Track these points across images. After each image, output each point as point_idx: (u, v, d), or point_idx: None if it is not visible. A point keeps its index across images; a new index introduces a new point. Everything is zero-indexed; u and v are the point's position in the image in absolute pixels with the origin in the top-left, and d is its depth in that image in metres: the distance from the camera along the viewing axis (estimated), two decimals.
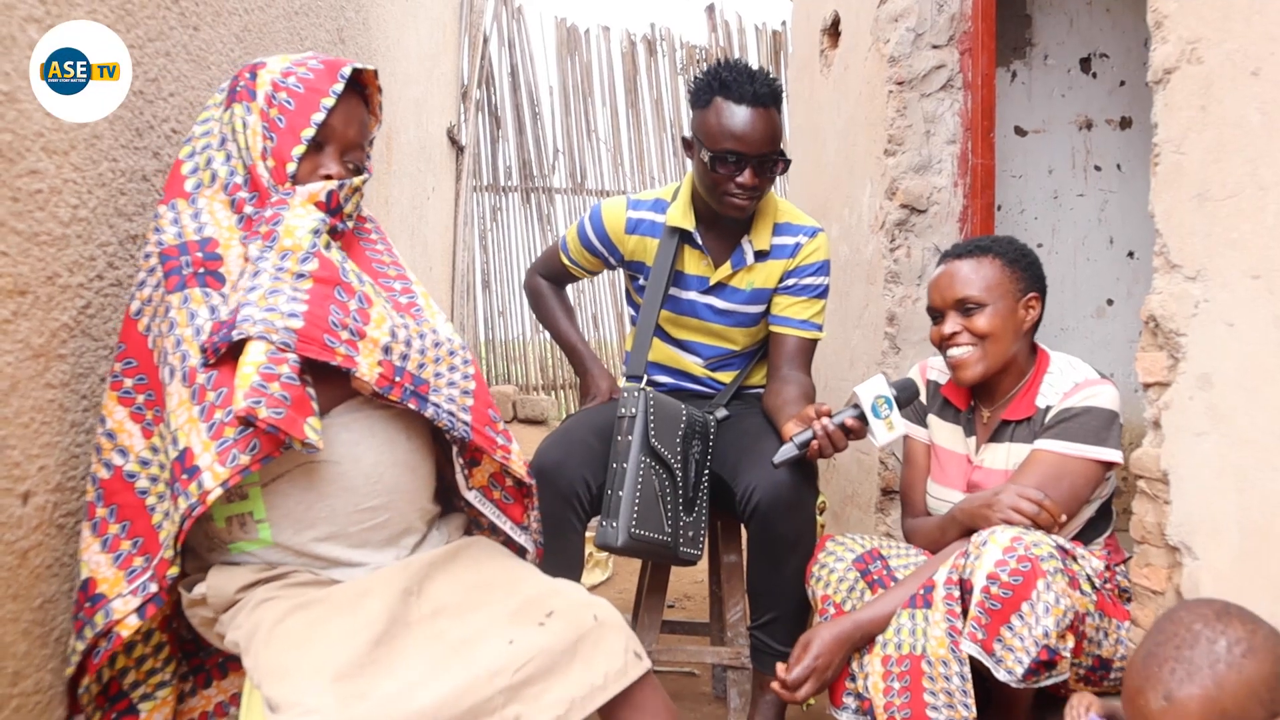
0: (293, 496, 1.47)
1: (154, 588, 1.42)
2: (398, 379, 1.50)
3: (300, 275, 1.46)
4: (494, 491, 1.71)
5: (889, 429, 1.94)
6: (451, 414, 1.56)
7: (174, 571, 1.42)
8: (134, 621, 1.41)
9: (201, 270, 1.49)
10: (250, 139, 1.58)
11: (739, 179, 2.16)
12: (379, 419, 1.55)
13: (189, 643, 1.61)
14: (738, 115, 2.14)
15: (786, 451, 1.95)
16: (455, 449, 1.62)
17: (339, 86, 1.60)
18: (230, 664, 1.64)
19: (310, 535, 1.49)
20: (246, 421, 1.35)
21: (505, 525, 1.71)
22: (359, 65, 1.65)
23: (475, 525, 1.76)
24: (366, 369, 1.46)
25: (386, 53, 3.78)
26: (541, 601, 1.49)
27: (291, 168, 1.56)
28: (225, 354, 1.42)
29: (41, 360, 1.42)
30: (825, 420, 1.95)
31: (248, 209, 1.56)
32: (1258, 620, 1.25)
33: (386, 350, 1.50)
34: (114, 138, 1.60)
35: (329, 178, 1.60)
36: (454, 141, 6.08)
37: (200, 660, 1.63)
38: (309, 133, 1.57)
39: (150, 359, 1.50)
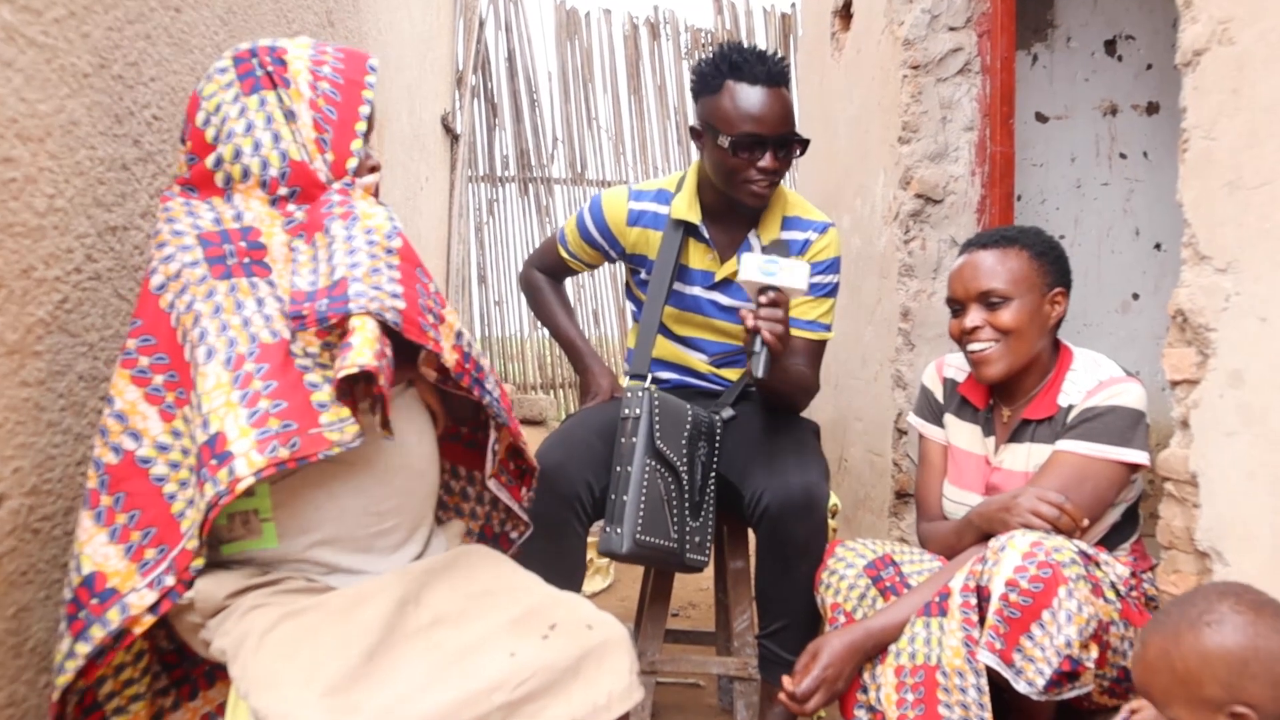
0: (302, 495, 1.47)
1: (170, 581, 1.39)
2: (466, 365, 1.57)
3: (390, 251, 1.51)
4: (501, 476, 1.79)
5: (793, 270, 1.99)
6: (497, 400, 1.64)
7: (199, 563, 1.40)
8: (149, 618, 1.38)
9: (247, 260, 1.52)
10: (302, 130, 1.60)
11: (761, 163, 2.15)
12: (392, 420, 1.56)
13: (170, 654, 1.60)
14: (754, 97, 2.14)
15: (758, 363, 1.99)
16: (494, 437, 1.69)
17: (373, 78, 1.66)
18: (218, 673, 1.63)
19: (316, 536, 1.49)
20: (364, 378, 1.38)
21: (515, 506, 1.81)
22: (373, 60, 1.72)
23: (470, 534, 1.80)
24: (448, 353, 1.52)
25: (378, 36, 3.78)
26: (544, 612, 1.49)
27: (352, 163, 1.62)
28: (273, 346, 1.43)
29: (16, 357, 1.42)
30: (746, 315, 1.99)
31: (290, 206, 1.59)
32: (1259, 611, 1.29)
33: (459, 336, 1.56)
34: (92, 124, 1.60)
35: (374, 169, 1.66)
36: (448, 130, 6.07)
37: (185, 671, 1.62)
38: (362, 126, 1.63)
39: (172, 337, 1.47)
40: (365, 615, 1.40)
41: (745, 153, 2.15)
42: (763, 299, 2.00)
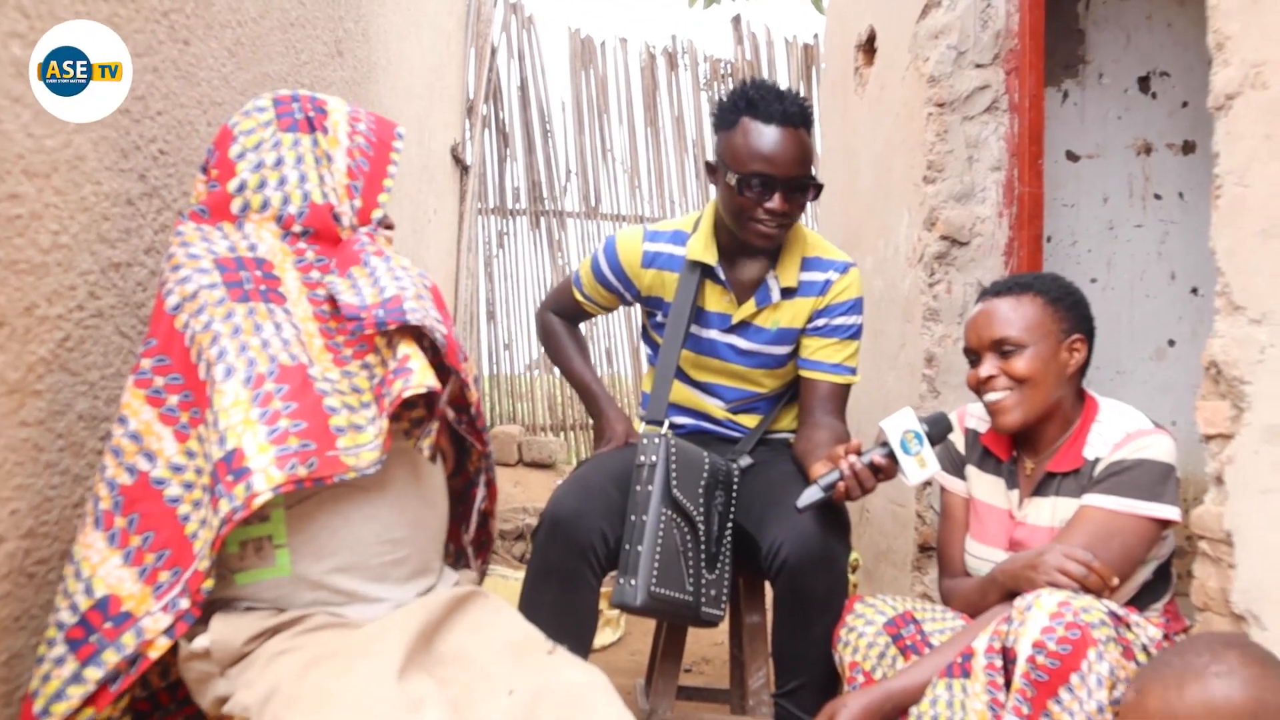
0: (317, 520, 1.51)
1: (185, 604, 1.43)
2: (480, 407, 1.69)
3: (425, 286, 1.65)
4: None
5: (921, 466, 1.96)
6: (492, 454, 1.76)
7: (209, 585, 1.43)
8: (164, 642, 1.42)
9: (264, 288, 1.60)
10: (335, 174, 1.71)
11: (768, 204, 2.17)
12: (404, 449, 1.62)
13: (141, 700, 1.62)
14: (766, 135, 2.16)
15: (811, 495, 1.97)
16: (480, 495, 1.81)
17: (400, 144, 1.81)
18: None
19: (331, 564, 1.52)
20: (427, 401, 1.53)
21: (474, 573, 1.88)
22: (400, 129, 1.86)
23: None
24: (473, 389, 1.65)
25: (387, 66, 3.84)
26: (541, 637, 1.56)
27: (378, 214, 1.75)
28: (292, 368, 1.49)
29: (16, 396, 1.45)
30: (853, 458, 1.97)
31: (301, 244, 1.68)
32: (1265, 665, 1.32)
33: (475, 380, 1.66)
34: (98, 159, 1.64)
35: (390, 226, 1.80)
36: (458, 160, 6.14)
37: None
38: (390, 183, 1.77)
39: (186, 357, 1.53)
40: (388, 643, 1.44)
41: (752, 192, 2.17)
42: (876, 456, 1.97)
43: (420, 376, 1.48)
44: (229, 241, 1.63)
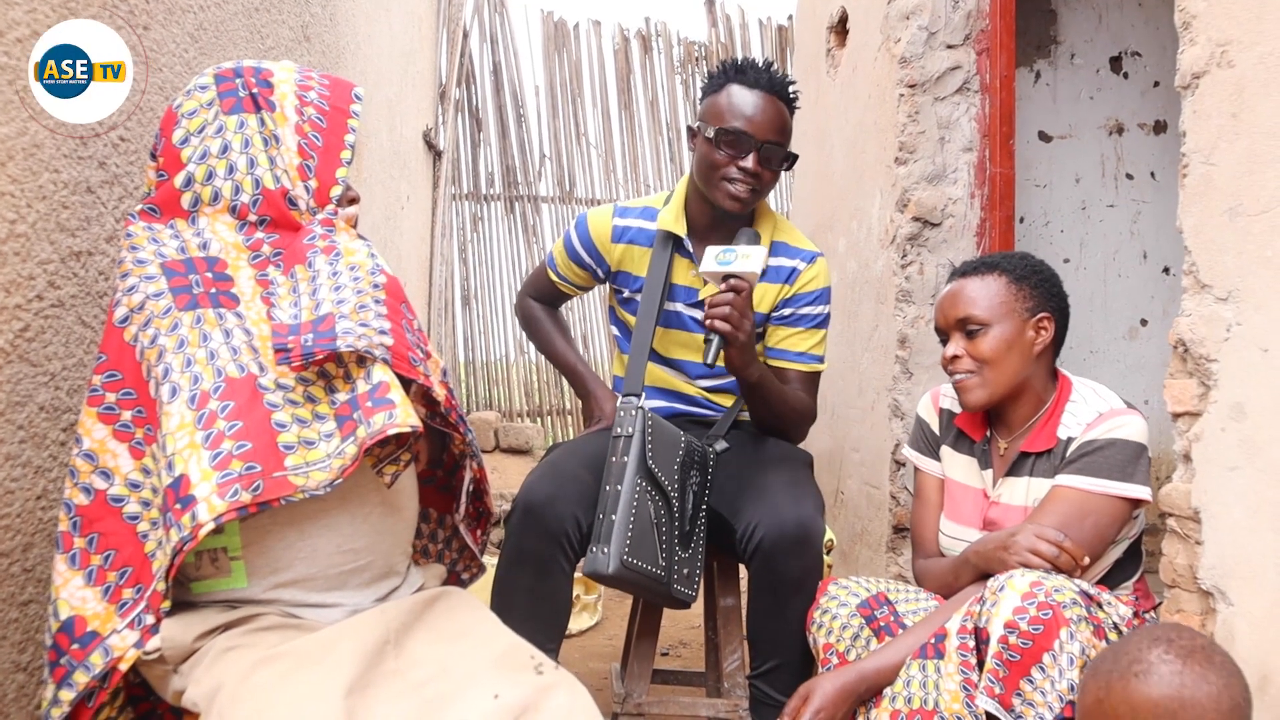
0: (273, 533, 1.49)
1: (150, 619, 1.42)
2: (453, 401, 1.62)
3: (376, 286, 1.55)
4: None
5: (749, 255, 2.10)
6: (475, 439, 1.70)
7: (167, 605, 1.42)
8: (133, 654, 1.41)
9: (214, 290, 1.54)
10: (285, 155, 1.62)
11: (742, 163, 2.22)
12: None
13: (136, 686, 1.61)
14: (748, 97, 2.25)
15: (709, 349, 2.11)
16: (469, 477, 1.76)
17: (358, 107, 1.71)
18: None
19: (287, 576, 1.50)
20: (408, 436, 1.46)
21: (475, 548, 1.90)
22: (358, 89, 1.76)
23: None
24: (437, 387, 1.57)
25: (356, 50, 3.81)
26: (526, 649, 1.52)
27: (337, 191, 1.65)
28: (240, 381, 1.44)
29: None
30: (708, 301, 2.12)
31: (259, 234, 1.61)
32: (1188, 659, 1.31)
33: (445, 373, 1.62)
34: (55, 147, 1.62)
35: (354, 200, 1.70)
36: (431, 146, 6.11)
37: (151, 704, 1.63)
38: (347, 155, 1.67)
39: (138, 372, 1.49)
40: (341, 653, 1.41)
41: (729, 149, 2.22)
42: (722, 287, 2.11)
43: (403, 414, 1.42)
44: (179, 241, 1.57)
